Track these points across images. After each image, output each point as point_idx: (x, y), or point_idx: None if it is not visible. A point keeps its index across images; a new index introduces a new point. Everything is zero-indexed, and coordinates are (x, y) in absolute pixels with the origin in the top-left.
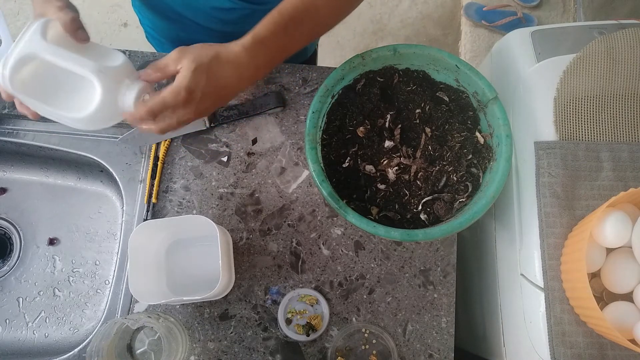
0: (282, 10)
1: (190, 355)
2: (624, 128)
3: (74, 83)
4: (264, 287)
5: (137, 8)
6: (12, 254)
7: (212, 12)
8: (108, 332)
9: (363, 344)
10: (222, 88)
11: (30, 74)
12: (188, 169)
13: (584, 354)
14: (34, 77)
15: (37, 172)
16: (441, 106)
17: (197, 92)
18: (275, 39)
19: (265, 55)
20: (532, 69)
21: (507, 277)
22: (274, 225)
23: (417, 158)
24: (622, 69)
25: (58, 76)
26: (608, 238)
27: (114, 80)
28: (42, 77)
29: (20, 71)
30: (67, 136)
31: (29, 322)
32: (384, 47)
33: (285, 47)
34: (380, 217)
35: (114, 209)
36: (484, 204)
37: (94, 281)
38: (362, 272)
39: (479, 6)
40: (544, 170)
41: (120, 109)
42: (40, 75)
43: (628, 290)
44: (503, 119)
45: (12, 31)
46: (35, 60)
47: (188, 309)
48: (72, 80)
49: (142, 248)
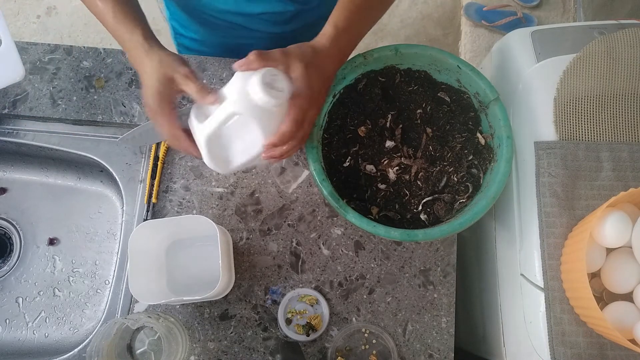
0: None
1: (190, 355)
2: (624, 128)
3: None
4: (264, 287)
5: (179, 22)
6: (12, 254)
7: (263, 17)
8: (108, 332)
9: (363, 344)
10: (328, 79)
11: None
12: (188, 169)
13: (584, 354)
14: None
15: (37, 172)
16: (442, 106)
17: (316, 87)
18: (353, 26)
19: (348, 41)
20: (532, 69)
21: (507, 277)
22: (274, 225)
23: (417, 158)
24: (622, 69)
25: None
26: (608, 238)
27: (261, 113)
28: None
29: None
30: (67, 136)
31: (29, 322)
32: (386, 47)
33: (362, 31)
34: (381, 217)
35: (114, 209)
36: (484, 204)
37: (94, 281)
38: (362, 272)
39: (479, 6)
40: (544, 170)
41: (272, 132)
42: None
43: (628, 290)
44: (504, 120)
45: (12, 31)
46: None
47: (188, 309)
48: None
49: (142, 248)
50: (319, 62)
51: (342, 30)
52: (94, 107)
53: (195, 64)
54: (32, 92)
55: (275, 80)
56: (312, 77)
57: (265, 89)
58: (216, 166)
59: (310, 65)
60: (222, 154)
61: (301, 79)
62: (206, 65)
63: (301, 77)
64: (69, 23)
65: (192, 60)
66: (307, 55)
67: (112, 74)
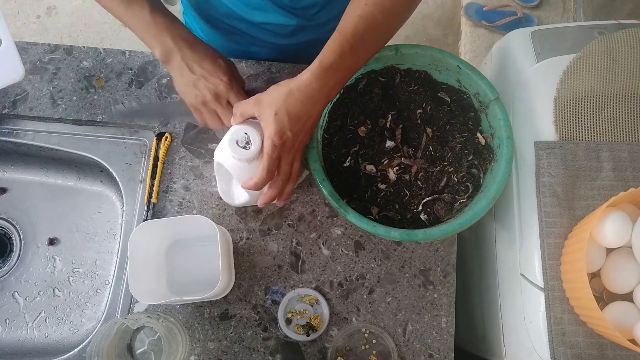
0: (344, 32)
1: (190, 355)
2: (624, 128)
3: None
4: (264, 287)
5: (190, 17)
6: (12, 254)
7: (265, 27)
8: (108, 332)
9: (363, 344)
10: (306, 118)
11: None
12: (188, 169)
13: (584, 354)
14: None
15: (37, 172)
16: (442, 107)
17: (287, 132)
18: (342, 61)
19: (335, 78)
20: (532, 69)
21: (507, 277)
22: (274, 225)
23: (417, 158)
24: (622, 69)
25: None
26: (608, 238)
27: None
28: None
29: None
30: (67, 136)
31: (29, 322)
32: (386, 47)
33: (353, 66)
34: (381, 217)
35: (114, 209)
36: (484, 204)
37: (94, 281)
38: (362, 272)
39: (479, 6)
40: (544, 170)
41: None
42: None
43: (628, 290)
44: (504, 120)
45: (12, 31)
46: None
47: (188, 309)
48: None
49: (142, 248)
50: (292, 104)
51: (329, 66)
52: (94, 107)
53: (153, 59)
54: (32, 92)
55: (245, 137)
56: (281, 122)
57: (231, 147)
58: (225, 199)
59: (280, 111)
60: (228, 190)
61: (269, 125)
62: None
63: (269, 123)
64: (69, 23)
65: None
66: (278, 101)
67: (112, 74)
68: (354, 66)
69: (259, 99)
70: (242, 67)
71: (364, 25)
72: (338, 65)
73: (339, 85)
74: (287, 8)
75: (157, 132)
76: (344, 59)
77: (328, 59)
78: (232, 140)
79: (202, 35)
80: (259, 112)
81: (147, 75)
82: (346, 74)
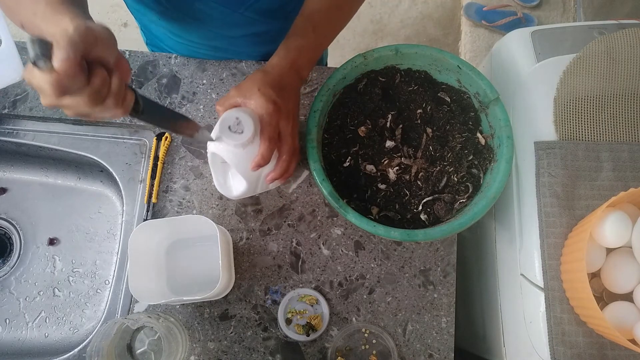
0: (306, 14)
1: (190, 355)
2: (624, 128)
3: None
4: (264, 287)
5: (170, 42)
6: (12, 254)
7: (248, 38)
8: (108, 332)
9: (363, 344)
10: (289, 89)
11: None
12: (188, 169)
13: (584, 354)
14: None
15: (37, 172)
16: (442, 107)
17: (276, 99)
18: (306, 42)
19: (302, 58)
20: (532, 69)
21: (507, 277)
22: (274, 225)
23: (417, 158)
24: (622, 69)
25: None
26: (608, 238)
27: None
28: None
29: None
30: (67, 136)
31: (29, 322)
32: (386, 47)
33: (318, 45)
34: (381, 217)
35: (114, 209)
36: (484, 204)
37: (93, 281)
38: (362, 272)
39: (479, 6)
40: (544, 170)
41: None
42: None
43: (628, 290)
44: (504, 120)
45: (12, 31)
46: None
47: (188, 309)
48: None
49: (142, 248)
50: (271, 80)
51: (293, 48)
52: None
53: (195, 64)
54: (32, 92)
55: (236, 122)
56: (267, 93)
57: (225, 134)
58: (222, 192)
59: (262, 86)
60: (225, 182)
61: (257, 99)
62: (206, 66)
63: (257, 97)
64: None
65: (191, 61)
66: (257, 80)
67: None
68: (319, 46)
69: (238, 86)
70: (243, 67)
71: (325, 6)
72: (302, 46)
73: (309, 63)
74: (266, 14)
75: (157, 132)
76: (308, 39)
77: (292, 40)
78: (223, 127)
79: (186, 52)
80: (242, 95)
81: (147, 75)
82: (312, 54)
